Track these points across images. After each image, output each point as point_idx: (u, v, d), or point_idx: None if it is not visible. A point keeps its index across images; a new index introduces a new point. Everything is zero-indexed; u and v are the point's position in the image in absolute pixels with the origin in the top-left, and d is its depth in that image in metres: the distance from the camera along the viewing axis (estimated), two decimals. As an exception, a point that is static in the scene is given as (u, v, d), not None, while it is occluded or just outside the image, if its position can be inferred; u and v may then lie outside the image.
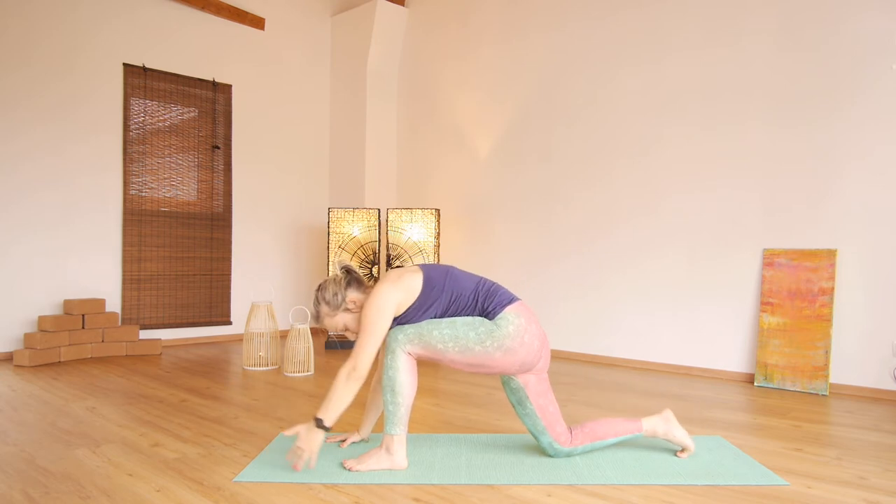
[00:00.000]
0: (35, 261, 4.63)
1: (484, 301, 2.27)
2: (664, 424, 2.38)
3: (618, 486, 2.11)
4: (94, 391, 3.52)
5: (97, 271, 4.91)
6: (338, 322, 2.34)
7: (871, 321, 3.57)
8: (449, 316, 2.27)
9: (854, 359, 3.61)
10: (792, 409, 3.25)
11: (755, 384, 3.85)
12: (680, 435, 2.38)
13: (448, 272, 2.33)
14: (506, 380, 2.34)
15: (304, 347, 4.08)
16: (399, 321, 2.27)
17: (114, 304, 4.99)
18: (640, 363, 4.44)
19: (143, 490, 2.04)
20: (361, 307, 2.32)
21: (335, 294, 2.31)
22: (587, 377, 4.07)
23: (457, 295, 2.27)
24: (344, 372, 2.15)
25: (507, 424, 2.90)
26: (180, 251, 5.34)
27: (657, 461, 2.35)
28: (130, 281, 5.07)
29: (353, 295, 2.32)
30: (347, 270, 2.37)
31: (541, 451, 2.45)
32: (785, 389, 3.73)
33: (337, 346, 5.15)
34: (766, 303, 3.89)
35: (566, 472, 2.21)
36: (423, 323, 2.23)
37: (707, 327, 4.15)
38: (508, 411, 3.14)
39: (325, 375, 4.05)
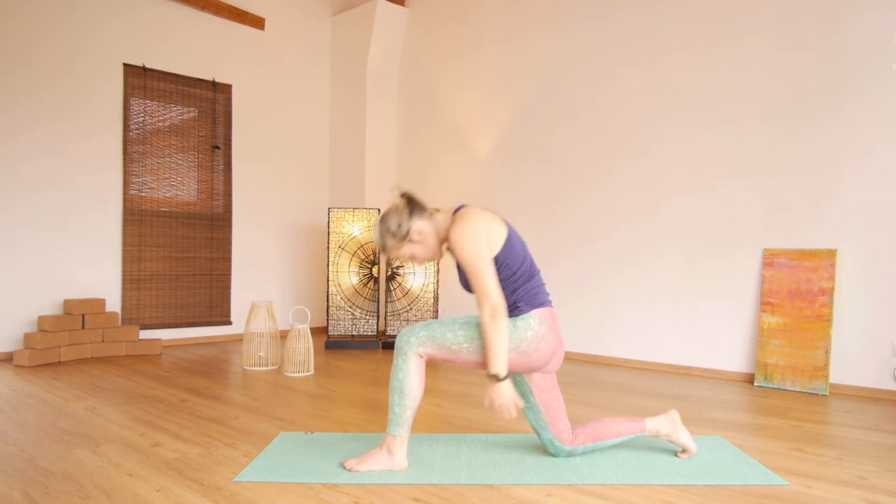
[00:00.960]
0: (35, 261, 4.63)
1: (523, 294, 2.23)
2: (669, 425, 2.37)
3: (618, 486, 2.11)
4: (94, 391, 3.52)
5: (97, 271, 4.91)
6: (404, 252, 2.28)
7: (871, 321, 3.56)
8: (510, 269, 2.23)
9: (854, 359, 3.61)
10: (792, 409, 3.25)
11: (755, 384, 3.85)
12: (683, 437, 2.37)
13: (524, 245, 2.29)
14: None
15: (304, 347, 4.08)
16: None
17: (114, 304, 4.98)
18: (640, 363, 4.44)
19: (143, 490, 2.04)
20: (427, 237, 2.26)
21: (399, 225, 2.23)
22: (587, 377, 4.07)
23: (518, 275, 2.22)
24: (486, 317, 2.07)
25: (507, 424, 2.90)
26: (180, 251, 5.34)
27: (657, 461, 2.35)
28: (130, 281, 5.07)
29: (417, 225, 2.24)
30: (409, 199, 2.29)
31: (541, 450, 2.45)
32: (785, 389, 3.73)
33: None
34: (766, 303, 3.89)
35: (566, 472, 2.21)
36: (435, 324, 2.21)
37: (707, 327, 4.15)
38: (508, 411, 3.14)
39: (325, 375, 4.05)
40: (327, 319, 5.28)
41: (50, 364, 4.35)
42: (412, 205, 2.27)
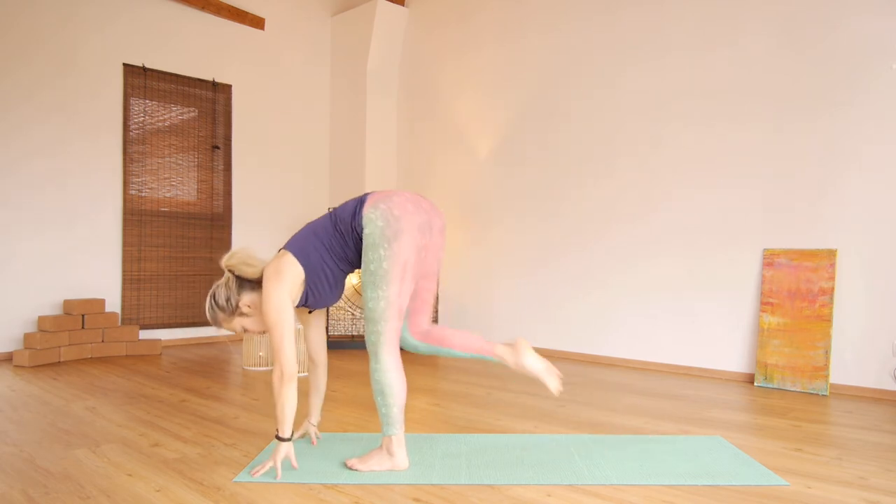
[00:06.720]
0: (35, 261, 4.63)
1: (343, 226, 2.22)
2: (513, 357, 2.32)
3: (618, 486, 2.11)
4: (94, 391, 3.52)
5: (97, 271, 4.91)
6: (236, 325, 2.27)
7: (871, 321, 3.56)
8: (335, 259, 2.24)
9: (854, 359, 3.61)
10: (792, 409, 3.25)
11: (755, 384, 3.85)
12: (531, 363, 2.30)
13: (308, 233, 2.27)
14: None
15: (303, 347, 4.08)
16: (311, 299, 2.26)
17: (114, 304, 4.98)
18: (640, 363, 4.44)
19: (143, 490, 2.04)
20: (258, 308, 2.24)
21: (228, 299, 2.22)
22: (587, 377, 4.07)
23: (327, 244, 2.23)
24: (275, 380, 2.10)
25: (508, 424, 2.90)
26: (180, 251, 5.34)
27: (657, 461, 2.35)
28: (130, 281, 5.07)
29: (246, 298, 2.23)
30: (235, 274, 2.25)
31: (541, 450, 2.45)
32: (785, 389, 3.73)
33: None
34: (766, 303, 3.89)
35: (566, 472, 2.22)
36: (368, 311, 2.18)
37: (707, 327, 4.15)
38: (508, 411, 3.14)
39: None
40: (327, 319, 5.28)
41: (50, 364, 4.35)
42: (240, 279, 2.24)
